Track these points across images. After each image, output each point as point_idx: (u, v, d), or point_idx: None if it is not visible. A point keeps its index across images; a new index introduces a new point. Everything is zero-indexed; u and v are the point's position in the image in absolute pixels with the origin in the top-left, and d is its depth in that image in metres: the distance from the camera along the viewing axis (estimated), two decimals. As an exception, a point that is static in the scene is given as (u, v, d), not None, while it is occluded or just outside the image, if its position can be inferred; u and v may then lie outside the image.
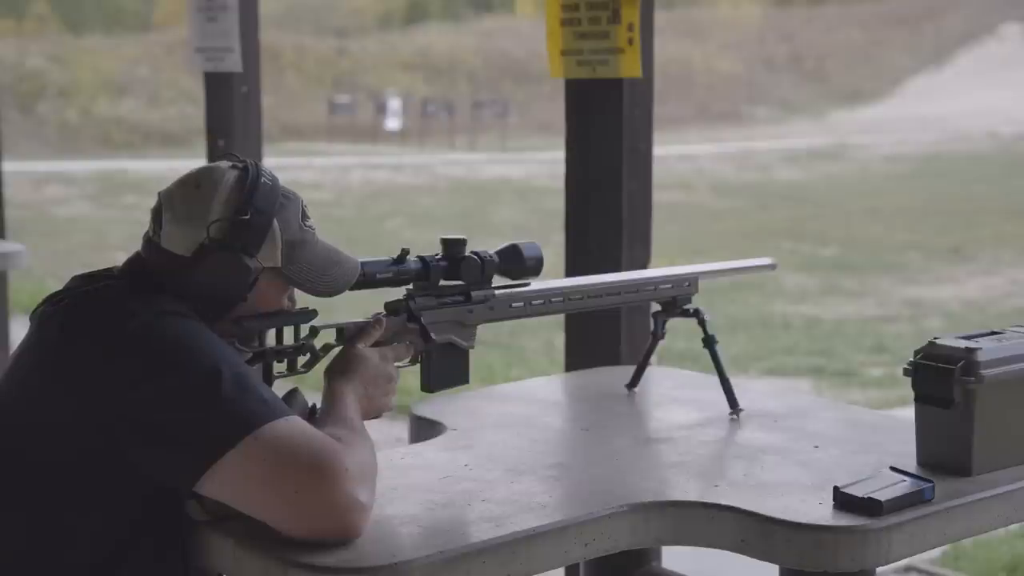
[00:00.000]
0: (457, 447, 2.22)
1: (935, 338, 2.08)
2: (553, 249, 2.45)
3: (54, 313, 1.84)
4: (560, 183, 3.38)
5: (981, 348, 2.02)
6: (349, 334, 2.01)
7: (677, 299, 2.50)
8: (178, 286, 1.84)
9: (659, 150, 3.65)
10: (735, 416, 2.42)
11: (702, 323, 2.49)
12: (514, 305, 2.23)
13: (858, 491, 1.86)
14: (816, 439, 2.26)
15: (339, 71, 30.19)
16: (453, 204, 16.39)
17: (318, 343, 2.00)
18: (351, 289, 2.00)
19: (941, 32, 35.99)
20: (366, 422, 1.93)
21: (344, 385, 1.93)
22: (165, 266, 1.86)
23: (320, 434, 1.74)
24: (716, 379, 2.46)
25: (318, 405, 1.98)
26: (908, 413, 2.13)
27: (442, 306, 2.13)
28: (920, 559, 4.17)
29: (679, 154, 21.12)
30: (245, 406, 1.71)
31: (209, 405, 1.70)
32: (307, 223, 1.94)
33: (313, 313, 1.99)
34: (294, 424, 1.73)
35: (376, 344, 2.02)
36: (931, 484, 1.90)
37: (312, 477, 1.68)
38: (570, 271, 3.27)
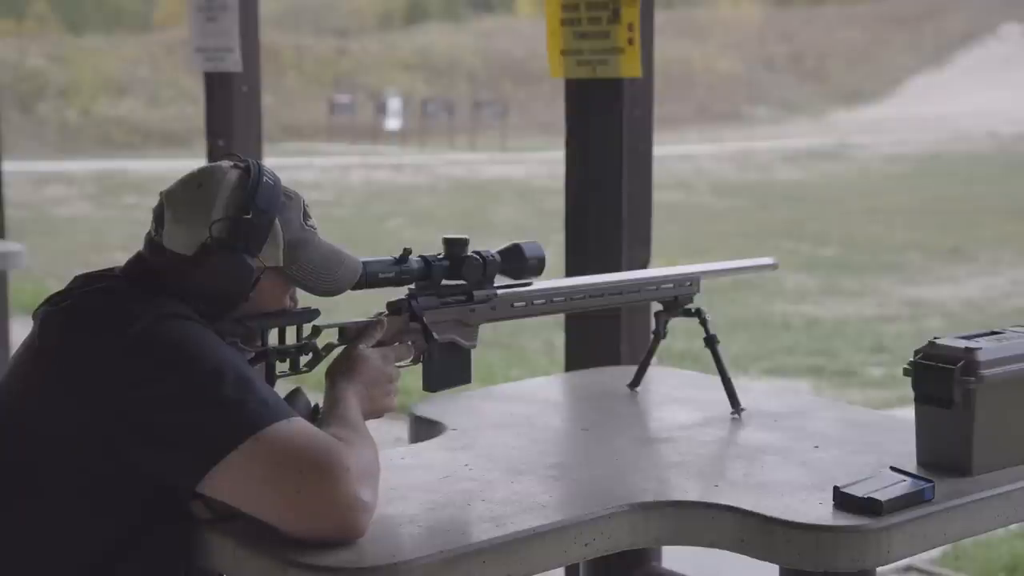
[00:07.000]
0: (457, 447, 2.22)
1: (935, 338, 2.08)
2: (553, 249, 2.45)
3: (55, 313, 1.84)
4: (560, 183, 3.38)
5: (981, 348, 2.02)
6: (351, 334, 2.01)
7: (679, 299, 2.50)
8: (180, 286, 1.84)
9: (659, 150, 3.65)
10: (737, 415, 2.42)
11: (704, 323, 2.49)
12: (516, 305, 2.23)
13: (858, 491, 1.87)
14: (816, 439, 2.26)
15: (339, 71, 30.21)
16: (453, 204, 16.39)
17: (320, 342, 2.01)
18: (353, 289, 2.01)
19: (941, 32, 36.01)
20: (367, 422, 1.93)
21: (346, 386, 1.93)
22: (167, 266, 1.86)
23: (322, 434, 1.74)
24: (717, 379, 2.46)
25: (320, 405, 1.99)
26: (908, 413, 2.13)
27: (444, 306, 2.13)
28: (920, 559, 4.17)
29: (679, 154, 21.13)
30: (247, 408, 1.71)
31: (211, 407, 1.71)
32: (309, 222, 1.95)
33: (315, 312, 2.00)
34: (296, 425, 1.73)
35: (378, 344, 2.02)
36: (931, 484, 1.90)
37: (314, 477, 1.68)
38: (570, 271, 3.27)
